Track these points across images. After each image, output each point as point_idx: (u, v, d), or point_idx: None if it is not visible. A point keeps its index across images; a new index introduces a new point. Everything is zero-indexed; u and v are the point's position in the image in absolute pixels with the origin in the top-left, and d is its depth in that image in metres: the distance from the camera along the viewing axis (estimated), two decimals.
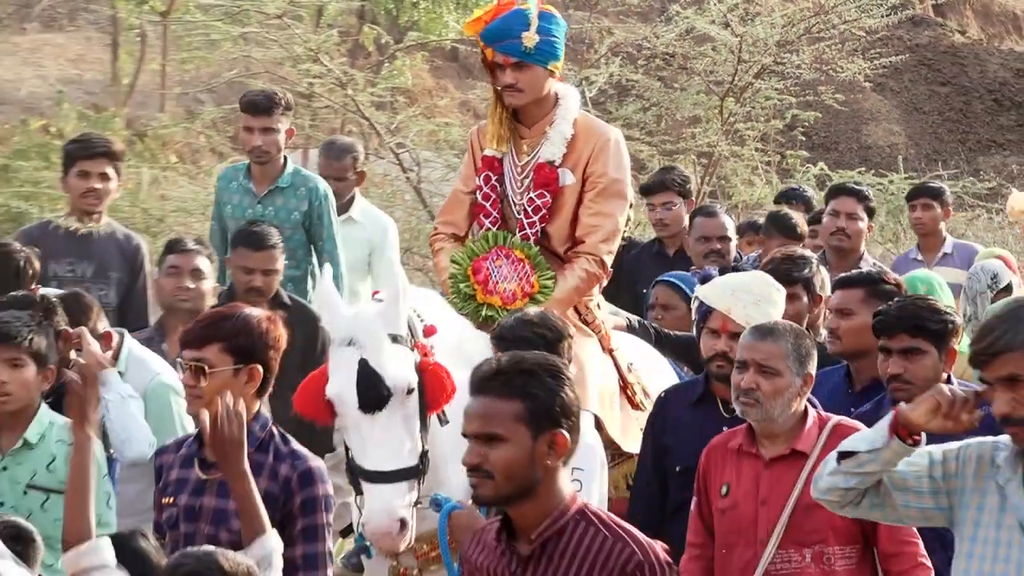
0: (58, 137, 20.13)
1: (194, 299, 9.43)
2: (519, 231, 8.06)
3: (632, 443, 8.02)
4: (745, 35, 19.74)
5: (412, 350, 7.01)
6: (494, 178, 8.12)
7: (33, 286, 9.00)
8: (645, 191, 13.31)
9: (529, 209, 8.03)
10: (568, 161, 7.99)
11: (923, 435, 4.99)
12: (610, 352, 8.18)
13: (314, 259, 10.77)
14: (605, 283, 8.51)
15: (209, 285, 9.67)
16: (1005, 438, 4.93)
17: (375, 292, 7.93)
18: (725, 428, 7.11)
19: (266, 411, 6.58)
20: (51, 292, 8.80)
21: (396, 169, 21.26)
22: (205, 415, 6.15)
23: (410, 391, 6.80)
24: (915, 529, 6.58)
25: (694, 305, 8.19)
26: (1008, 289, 10.93)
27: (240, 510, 6.10)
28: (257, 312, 6.59)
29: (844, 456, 5.02)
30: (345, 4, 24.77)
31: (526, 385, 4.78)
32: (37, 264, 8.81)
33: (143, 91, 25.34)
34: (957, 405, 4.84)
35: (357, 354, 6.61)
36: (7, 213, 16.52)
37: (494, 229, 8.10)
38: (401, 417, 6.83)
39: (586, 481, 6.90)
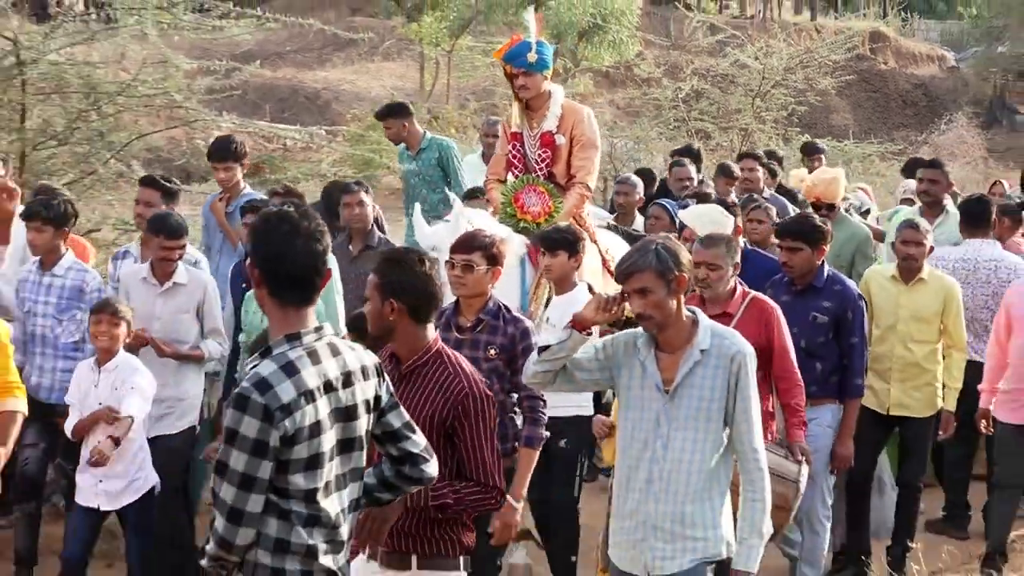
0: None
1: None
2: (534, 173, 7.50)
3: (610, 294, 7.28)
4: (766, 64, 19.34)
5: None
6: (518, 145, 7.55)
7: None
8: (807, 149, 12.96)
9: (539, 161, 7.48)
10: (560, 129, 7.42)
11: (594, 329, 4.44)
12: (595, 242, 7.49)
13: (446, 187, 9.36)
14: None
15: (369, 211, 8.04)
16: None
17: (447, 214, 7.40)
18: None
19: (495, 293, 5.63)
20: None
21: None
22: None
23: None
24: (794, 360, 5.94)
25: (678, 223, 7.74)
26: (868, 212, 10.13)
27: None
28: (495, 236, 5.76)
29: (542, 350, 4.39)
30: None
31: (380, 268, 4.32)
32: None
33: (436, 94, 25.33)
34: (609, 303, 4.25)
35: (434, 256, 5.72)
36: (364, 159, 15.96)
37: (522, 175, 7.54)
38: None
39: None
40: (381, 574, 4.32)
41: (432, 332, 4.41)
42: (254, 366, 3.44)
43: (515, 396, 5.48)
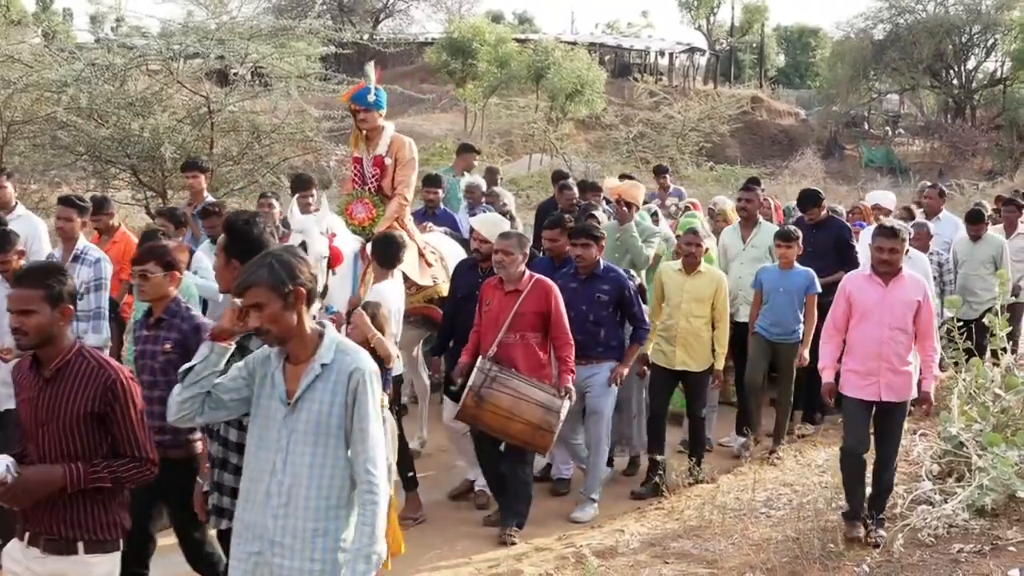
0: (447, 151, 19.40)
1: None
2: (367, 186, 6.23)
3: (424, 280, 6.26)
4: (685, 117, 19.70)
5: (327, 239, 5.36)
6: (359, 166, 6.29)
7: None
8: (657, 170, 10.91)
9: (372, 177, 6.23)
10: (389, 154, 6.22)
11: (232, 341, 2.86)
12: (412, 239, 6.20)
13: None
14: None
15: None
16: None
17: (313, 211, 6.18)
18: (480, 279, 5.59)
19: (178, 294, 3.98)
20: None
21: (559, 160, 20.83)
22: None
23: (323, 257, 5.17)
24: (567, 326, 5.25)
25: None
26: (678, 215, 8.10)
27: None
28: (171, 244, 4.38)
29: (186, 374, 2.83)
30: (547, 102, 25.02)
31: (45, 279, 2.98)
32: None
33: (475, 134, 24.94)
34: (243, 313, 2.74)
35: (300, 238, 5.14)
36: (425, 175, 16.07)
37: (356, 189, 6.28)
38: (319, 270, 5.02)
39: (392, 315, 4.96)
40: (42, 559, 3.00)
41: (73, 334, 3.17)
42: None
43: None
